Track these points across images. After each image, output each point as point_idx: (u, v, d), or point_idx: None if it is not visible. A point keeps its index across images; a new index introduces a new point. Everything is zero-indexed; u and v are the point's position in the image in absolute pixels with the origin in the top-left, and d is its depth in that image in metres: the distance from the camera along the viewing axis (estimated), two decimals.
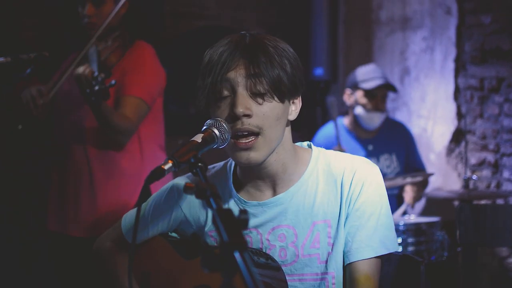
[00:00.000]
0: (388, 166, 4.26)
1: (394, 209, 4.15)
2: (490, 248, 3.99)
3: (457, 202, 4.03)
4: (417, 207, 4.72)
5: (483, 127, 4.71)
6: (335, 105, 4.34)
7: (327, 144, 4.04)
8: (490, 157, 4.68)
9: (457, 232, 3.56)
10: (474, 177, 4.11)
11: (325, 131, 4.34)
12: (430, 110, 5.00)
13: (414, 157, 4.38)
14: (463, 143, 4.67)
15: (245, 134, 1.72)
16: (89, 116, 2.94)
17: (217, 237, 1.85)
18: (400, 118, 4.94)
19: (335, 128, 4.18)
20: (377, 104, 4.19)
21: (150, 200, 1.97)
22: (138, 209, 1.57)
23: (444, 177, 4.89)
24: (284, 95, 1.75)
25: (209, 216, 1.89)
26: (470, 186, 4.05)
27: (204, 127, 1.69)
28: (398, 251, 1.95)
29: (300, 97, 1.84)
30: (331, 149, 1.97)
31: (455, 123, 4.85)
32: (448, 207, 4.44)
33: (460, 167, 4.81)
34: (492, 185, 4.67)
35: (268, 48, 1.74)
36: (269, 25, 5.02)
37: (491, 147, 4.67)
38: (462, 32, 4.79)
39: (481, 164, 4.72)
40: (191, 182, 1.88)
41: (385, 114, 4.27)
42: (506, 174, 4.60)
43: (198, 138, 1.64)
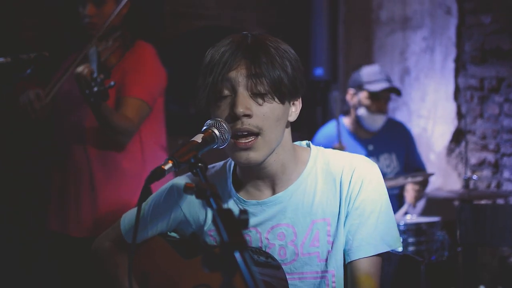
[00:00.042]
0: (388, 166, 4.25)
1: (394, 209, 4.14)
2: (491, 248, 3.99)
3: (457, 202, 4.02)
4: (418, 207, 4.71)
5: (483, 127, 4.71)
6: (339, 101, 4.33)
7: (328, 143, 4.03)
8: (490, 157, 4.67)
9: (457, 232, 3.55)
10: (474, 177, 4.11)
11: (325, 131, 4.34)
12: (430, 110, 5.00)
13: (414, 156, 4.38)
14: (463, 143, 4.67)
15: (244, 134, 1.72)
16: (90, 116, 2.93)
17: (217, 236, 1.86)
18: (400, 118, 4.94)
19: (337, 125, 4.17)
20: (380, 107, 4.19)
21: (149, 200, 1.97)
22: (138, 209, 1.57)
23: (444, 177, 4.89)
24: (284, 96, 1.75)
25: (208, 216, 1.89)
26: (470, 186, 4.05)
27: (204, 127, 1.69)
28: (399, 251, 1.95)
29: (300, 99, 1.84)
30: (332, 147, 1.97)
31: (455, 123, 4.85)
32: (448, 207, 4.44)
33: (460, 167, 4.81)
34: (492, 185, 4.67)
35: (270, 49, 1.74)
36: (269, 25, 5.02)
37: (491, 147, 4.67)
38: (462, 32, 4.79)
39: (481, 164, 4.72)
40: (191, 182, 1.88)
41: (387, 116, 4.27)
42: (506, 174, 4.60)
43: (198, 138, 1.64)
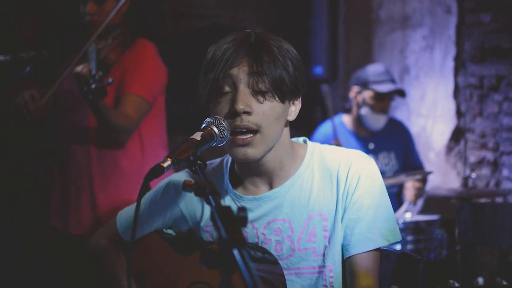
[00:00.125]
0: (386, 164, 4.26)
1: (394, 207, 4.14)
2: (489, 246, 3.99)
3: (456, 201, 4.03)
4: (417, 205, 4.72)
5: (483, 125, 4.71)
6: (329, 94, 4.33)
7: (325, 142, 4.03)
8: (490, 155, 4.68)
9: (456, 230, 3.56)
10: (473, 175, 4.11)
11: (323, 129, 4.34)
12: (429, 109, 5.01)
13: (413, 155, 4.38)
14: (463, 142, 4.67)
15: (243, 131, 1.73)
16: (90, 114, 2.94)
17: (213, 232, 1.87)
18: (399, 116, 4.94)
19: (332, 124, 4.17)
20: (384, 107, 4.20)
21: (145, 197, 1.97)
22: (137, 206, 1.57)
23: (444, 176, 4.89)
24: (285, 95, 1.76)
25: (205, 212, 1.89)
26: (469, 185, 4.06)
27: (203, 125, 1.69)
28: (397, 250, 1.95)
29: (300, 99, 1.84)
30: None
31: (455, 121, 4.86)
32: (447, 205, 4.44)
33: (460, 165, 4.81)
34: (491, 183, 4.67)
35: (272, 48, 1.75)
36: (269, 24, 5.02)
37: (491, 145, 4.67)
38: (461, 31, 4.80)
39: (481, 162, 4.72)
40: (188, 178, 1.88)
41: (388, 115, 4.27)
42: (505, 172, 4.60)
43: (197, 136, 1.65)
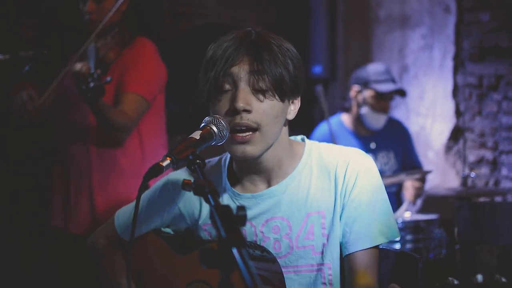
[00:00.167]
0: (385, 164, 4.26)
1: (393, 206, 4.14)
2: (489, 245, 3.99)
3: (455, 200, 4.03)
4: (416, 205, 4.72)
5: (482, 124, 4.72)
6: (324, 94, 4.32)
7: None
8: (489, 154, 4.68)
9: (455, 230, 3.57)
10: (473, 174, 4.11)
11: (320, 131, 4.34)
12: (428, 108, 5.01)
13: (412, 155, 4.38)
14: (462, 141, 4.68)
15: (243, 129, 1.73)
16: (89, 113, 2.93)
17: (212, 231, 1.87)
18: (398, 116, 4.94)
19: (328, 125, 4.16)
20: (384, 106, 4.19)
21: (143, 196, 1.97)
22: (136, 206, 1.58)
23: (443, 175, 4.89)
24: (285, 94, 1.76)
25: (203, 210, 1.90)
26: (469, 184, 4.06)
27: (202, 124, 1.69)
28: (397, 248, 1.95)
29: (299, 98, 1.85)
30: None
31: (454, 120, 4.86)
32: (446, 204, 4.44)
33: (459, 164, 4.82)
34: (491, 182, 4.68)
35: (273, 46, 1.76)
36: (269, 24, 5.02)
37: (490, 144, 4.68)
38: (460, 30, 4.80)
39: (480, 161, 4.72)
40: (186, 176, 1.88)
41: (388, 115, 4.27)
42: (504, 171, 4.61)
43: (196, 135, 1.65)
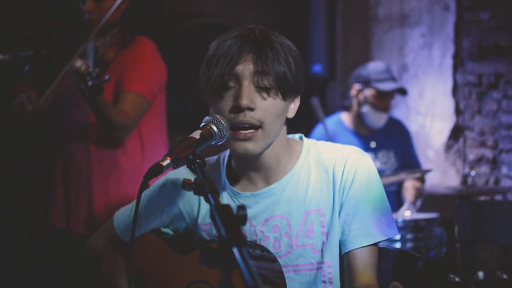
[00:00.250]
0: (385, 163, 4.26)
1: (393, 206, 4.14)
2: (489, 244, 4.00)
3: (455, 199, 4.03)
4: (416, 205, 4.72)
5: (482, 123, 4.72)
6: (319, 106, 4.31)
7: None
8: (489, 153, 4.68)
9: (456, 228, 3.57)
10: (473, 173, 4.11)
11: (317, 133, 4.33)
12: (428, 107, 5.01)
13: (411, 155, 4.38)
14: (462, 140, 4.68)
15: (246, 127, 1.74)
16: (89, 112, 2.93)
17: (211, 231, 1.87)
18: (398, 115, 4.94)
19: (324, 129, 4.15)
20: (385, 105, 4.19)
21: (142, 196, 1.96)
22: (136, 205, 1.58)
23: (443, 174, 4.89)
24: (287, 92, 1.77)
25: (202, 209, 1.89)
26: (469, 183, 4.05)
27: (202, 124, 1.69)
28: (396, 247, 1.95)
29: (299, 97, 1.85)
30: None
31: (453, 119, 4.86)
32: (446, 203, 4.44)
33: (459, 163, 4.82)
34: (491, 181, 4.68)
35: (276, 44, 1.77)
36: (269, 24, 5.00)
37: (490, 143, 4.68)
38: (460, 29, 4.80)
39: (480, 160, 4.72)
40: (187, 176, 1.88)
41: (389, 114, 4.27)
42: (504, 170, 4.61)
43: (196, 134, 1.65)
